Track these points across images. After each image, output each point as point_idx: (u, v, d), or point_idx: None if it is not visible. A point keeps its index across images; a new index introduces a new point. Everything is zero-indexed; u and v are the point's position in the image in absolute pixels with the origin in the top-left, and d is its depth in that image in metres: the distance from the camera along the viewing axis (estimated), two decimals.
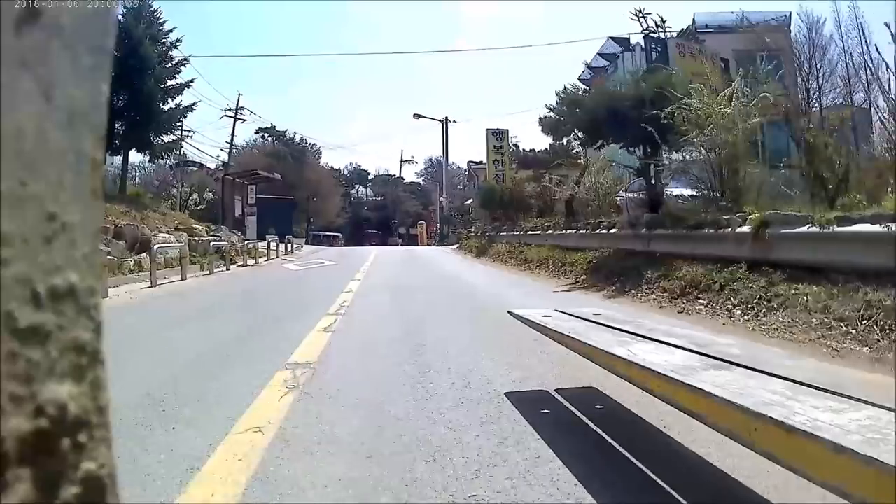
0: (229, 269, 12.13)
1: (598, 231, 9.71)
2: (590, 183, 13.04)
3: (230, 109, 31.58)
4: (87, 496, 0.30)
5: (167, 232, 12.43)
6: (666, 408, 1.85)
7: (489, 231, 18.73)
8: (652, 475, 1.89)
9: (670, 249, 7.05)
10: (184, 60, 17.67)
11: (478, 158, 33.06)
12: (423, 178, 56.17)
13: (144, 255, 10.11)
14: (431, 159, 54.07)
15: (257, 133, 40.23)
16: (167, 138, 17.93)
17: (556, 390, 2.91)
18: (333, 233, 38.35)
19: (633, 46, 20.73)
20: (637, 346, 2.18)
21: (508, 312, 3.45)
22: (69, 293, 0.29)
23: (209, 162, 29.38)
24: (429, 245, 32.60)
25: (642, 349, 2.12)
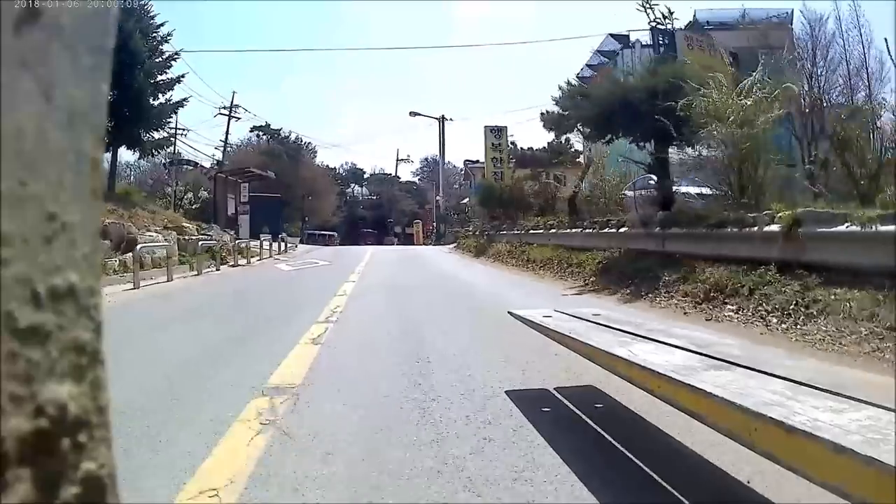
0: (219, 270, 11.85)
1: (607, 230, 9.36)
2: (595, 179, 12.60)
3: (225, 108, 31.53)
4: (87, 496, 0.30)
5: (156, 231, 12.03)
6: (666, 406, 1.87)
7: (488, 230, 18.39)
8: (652, 473, 1.90)
9: (688, 250, 6.70)
10: (175, 55, 17.37)
11: (474, 157, 33.10)
12: (419, 178, 56.17)
13: (130, 255, 10.02)
14: (427, 158, 54.10)
15: (252, 131, 40.15)
16: (158, 135, 17.66)
17: (556, 389, 2.92)
18: (329, 232, 38.28)
19: (633, 43, 20.73)
20: (637, 347, 2.19)
21: (509, 313, 3.46)
22: (69, 293, 0.29)
23: (204, 161, 29.30)
24: (425, 244, 32.56)
25: (643, 349, 2.14)
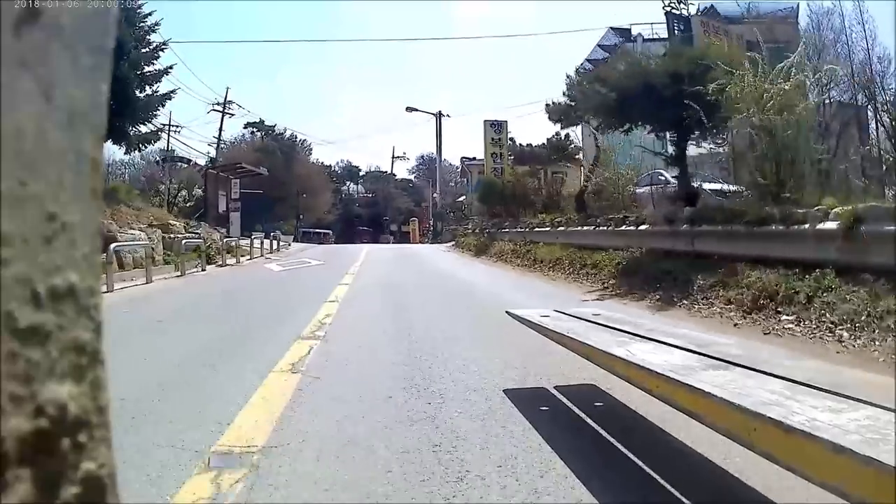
0: (205, 270, 11.37)
1: (624, 228, 8.71)
2: (608, 173, 11.80)
3: (218, 104, 31.37)
4: (87, 496, 0.30)
5: (139, 229, 11.54)
6: (665, 405, 1.88)
7: (488, 228, 17.81)
8: (651, 472, 1.92)
9: (723, 250, 6.10)
10: (162, 45, 16.97)
11: (471, 154, 33.14)
12: (416, 175, 56.16)
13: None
14: (423, 156, 54.05)
15: (246, 128, 39.98)
16: (145, 129, 17.21)
17: (556, 387, 2.94)
18: (324, 230, 38.21)
19: (635, 37, 20.74)
20: (636, 347, 2.21)
21: (507, 312, 3.47)
22: (69, 293, 0.30)
23: (199, 158, 29.13)
24: (421, 243, 32.53)
25: (641, 349, 2.15)
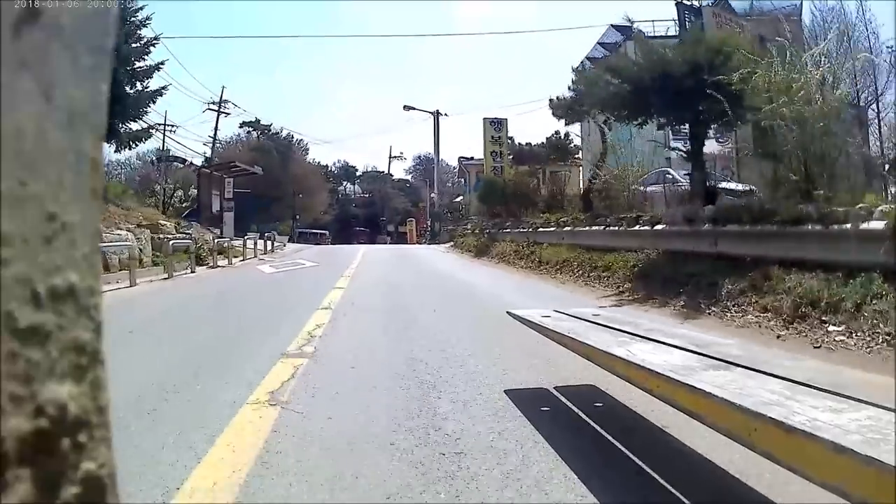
0: (194, 272, 11.09)
1: (637, 227, 8.28)
2: (617, 170, 11.35)
3: (214, 102, 31.33)
4: (87, 496, 0.31)
5: (126, 229, 11.30)
6: (666, 405, 1.89)
7: (488, 228, 17.45)
8: (651, 472, 1.93)
9: (751, 251, 5.72)
10: (153, 40, 16.60)
11: (468, 154, 33.17)
12: (413, 176, 56.23)
13: None
14: (420, 156, 54.14)
15: (241, 127, 39.97)
16: (136, 126, 16.98)
17: (556, 388, 2.95)
18: (320, 230, 38.20)
19: (621, 43, 20.72)
20: (636, 347, 2.21)
21: (508, 313, 3.49)
22: (69, 293, 0.30)
23: (195, 158, 29.08)
24: (418, 243, 32.52)
25: (641, 349, 2.16)
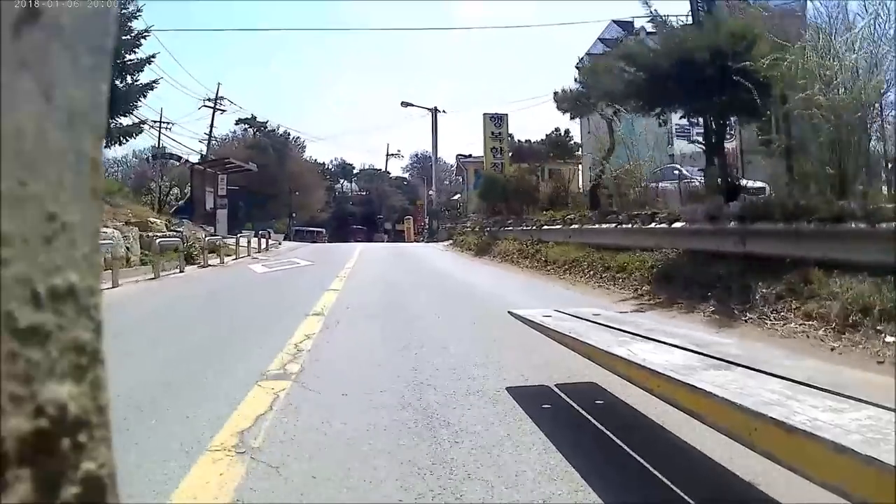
0: (183, 272, 10.75)
1: (653, 225, 7.82)
2: (629, 165, 10.89)
3: (209, 99, 31.24)
4: (87, 496, 0.31)
5: (113, 227, 11.06)
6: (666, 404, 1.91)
7: (489, 226, 17.13)
8: (652, 469, 1.94)
9: (785, 252, 5.22)
10: (144, 32, 16.32)
11: (466, 151, 33.13)
12: (410, 173, 56.23)
13: None
14: (418, 154, 54.13)
15: (237, 124, 39.87)
16: (127, 121, 16.75)
17: (557, 385, 2.97)
18: (317, 228, 38.14)
19: (637, 30, 20.70)
20: (637, 346, 2.22)
21: (509, 312, 3.51)
22: (69, 293, 0.30)
23: (191, 156, 28.98)
24: (416, 241, 32.48)
25: (642, 349, 2.17)
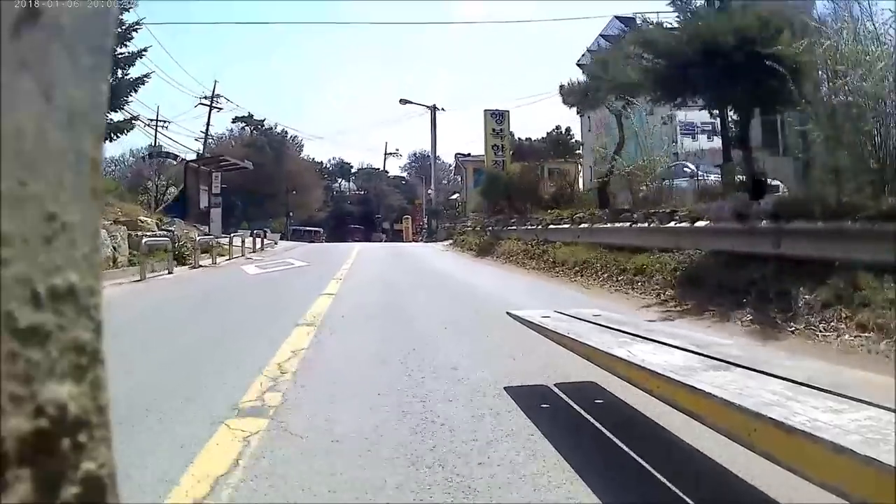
0: (172, 273, 10.44)
1: (673, 224, 7.34)
2: (642, 160, 10.46)
3: (206, 97, 31.21)
4: (87, 496, 0.31)
5: (101, 226, 11.33)
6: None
7: (491, 225, 16.71)
8: (651, 470, 1.95)
9: (828, 254, 4.76)
10: (135, 25, 16.06)
11: (465, 150, 33.15)
12: (408, 173, 56.27)
13: None
14: (416, 153, 54.16)
15: (234, 122, 39.86)
16: (118, 116, 16.59)
17: (556, 385, 2.97)
18: (315, 228, 38.15)
19: (640, 25, 20.62)
20: (637, 347, 2.23)
21: (507, 313, 3.51)
22: (69, 293, 0.31)
23: (188, 154, 28.94)
24: (414, 241, 32.45)
25: (642, 350, 2.18)
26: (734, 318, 4.89)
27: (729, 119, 8.82)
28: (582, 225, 10.27)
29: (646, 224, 8.01)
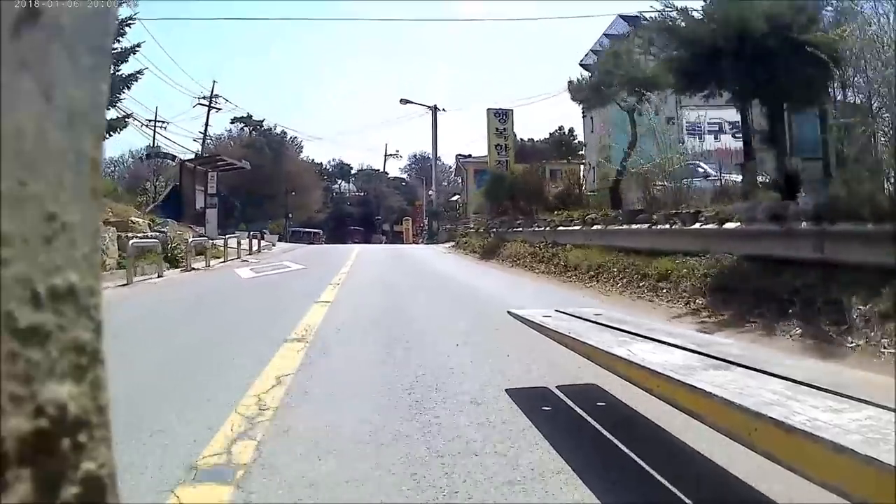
0: (162, 276, 10.11)
1: (698, 226, 6.76)
2: (660, 159, 9.83)
3: (204, 97, 31.20)
4: (87, 496, 0.31)
5: None
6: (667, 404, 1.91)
7: (495, 226, 16.34)
8: (652, 471, 1.95)
9: (880, 259, 4.17)
10: (129, 20, 15.98)
11: (466, 151, 33.20)
12: (408, 174, 56.29)
13: None
14: (416, 155, 54.23)
15: (233, 123, 39.82)
16: (110, 114, 16.17)
17: (558, 387, 2.98)
18: (314, 229, 38.12)
19: (661, 13, 20.45)
20: (637, 346, 2.23)
21: (508, 312, 3.51)
22: (69, 293, 0.31)
23: (186, 155, 28.91)
24: (415, 243, 32.43)
25: (642, 349, 2.18)
26: (780, 331, 4.38)
27: (750, 116, 8.37)
28: (594, 227, 9.78)
29: (667, 226, 7.46)
